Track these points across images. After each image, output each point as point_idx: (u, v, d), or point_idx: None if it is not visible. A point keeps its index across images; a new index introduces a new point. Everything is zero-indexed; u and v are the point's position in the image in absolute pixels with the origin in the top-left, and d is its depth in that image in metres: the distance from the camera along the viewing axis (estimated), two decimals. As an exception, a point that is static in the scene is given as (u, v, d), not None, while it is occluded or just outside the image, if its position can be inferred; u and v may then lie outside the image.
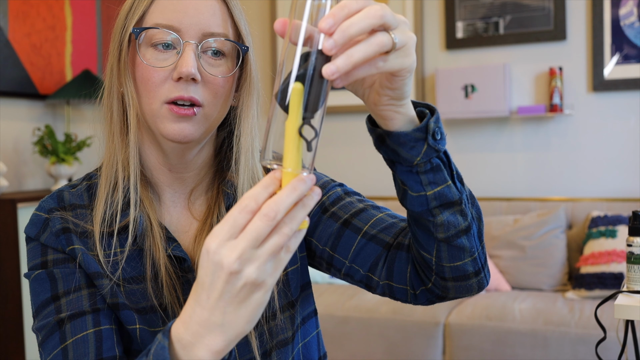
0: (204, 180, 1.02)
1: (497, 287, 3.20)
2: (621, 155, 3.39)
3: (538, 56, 3.53)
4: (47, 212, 0.97)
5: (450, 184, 0.83)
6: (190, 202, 1.01)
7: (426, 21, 3.76)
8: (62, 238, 0.94)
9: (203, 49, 0.92)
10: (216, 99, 0.93)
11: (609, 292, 2.87)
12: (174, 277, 0.95)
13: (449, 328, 2.91)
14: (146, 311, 0.94)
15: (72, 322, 0.90)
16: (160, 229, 0.96)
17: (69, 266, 0.93)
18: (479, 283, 0.91)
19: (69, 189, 1.00)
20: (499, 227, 3.32)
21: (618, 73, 3.37)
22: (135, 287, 0.94)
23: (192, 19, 0.91)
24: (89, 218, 0.96)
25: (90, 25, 3.60)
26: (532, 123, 3.55)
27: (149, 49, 0.92)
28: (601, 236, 3.06)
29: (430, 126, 0.79)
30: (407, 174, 0.82)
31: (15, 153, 3.19)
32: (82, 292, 0.92)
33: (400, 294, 0.97)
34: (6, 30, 3.10)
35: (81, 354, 0.88)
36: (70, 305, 0.91)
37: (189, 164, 0.99)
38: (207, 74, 0.92)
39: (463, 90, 3.53)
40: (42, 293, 0.93)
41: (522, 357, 2.77)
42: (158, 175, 1.00)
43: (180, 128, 0.91)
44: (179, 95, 0.90)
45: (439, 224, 0.84)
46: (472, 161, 3.68)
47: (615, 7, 3.36)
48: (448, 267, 0.88)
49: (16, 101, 3.20)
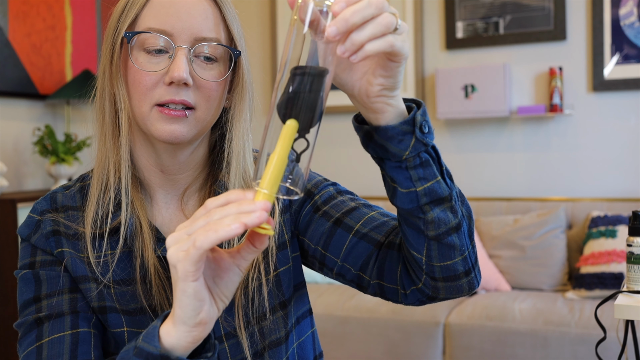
0: (197, 180, 1.02)
1: (497, 287, 3.20)
2: (621, 155, 3.39)
3: (538, 56, 3.53)
4: (40, 214, 0.98)
5: (439, 179, 0.82)
6: (183, 203, 1.01)
7: (426, 21, 3.77)
8: (52, 240, 0.95)
9: (195, 53, 0.92)
10: (208, 103, 0.93)
11: (609, 292, 2.87)
12: (163, 277, 0.95)
13: (449, 328, 2.91)
14: (136, 312, 0.95)
15: (51, 322, 0.92)
16: (151, 230, 0.96)
17: (55, 269, 0.95)
18: (470, 283, 0.90)
19: (63, 190, 1.01)
20: (499, 227, 3.32)
21: (618, 73, 3.37)
22: (124, 288, 0.95)
23: (184, 23, 0.91)
24: (80, 220, 0.97)
25: (90, 25, 3.60)
26: (532, 123, 3.55)
27: (141, 52, 0.92)
28: (601, 236, 3.06)
29: (418, 119, 0.79)
30: (396, 170, 0.81)
31: (15, 153, 3.19)
32: (64, 297, 0.94)
33: (391, 294, 0.96)
34: (6, 30, 3.11)
35: (55, 354, 0.90)
36: (50, 307, 0.92)
37: (181, 165, 0.99)
38: (199, 78, 0.92)
39: (463, 90, 3.53)
40: (26, 293, 0.95)
41: (522, 357, 2.77)
42: (150, 177, 1.00)
43: (172, 129, 0.91)
44: (170, 98, 0.90)
45: (429, 221, 0.83)
46: (472, 161, 3.68)
47: (615, 7, 3.36)
48: (438, 266, 0.87)
49: (16, 101, 3.21)
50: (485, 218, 3.41)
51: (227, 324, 0.97)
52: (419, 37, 3.75)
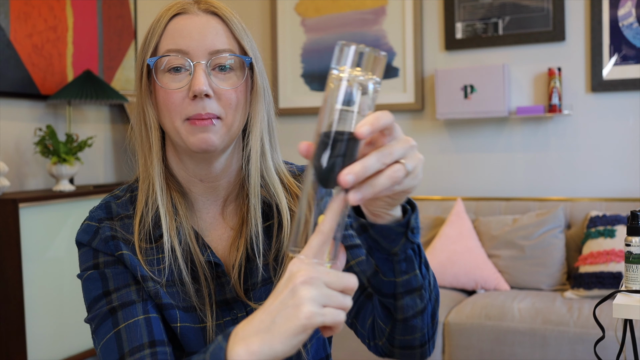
0: (235, 188, 1.11)
1: (496, 286, 3.21)
2: (620, 156, 3.41)
3: (537, 57, 3.54)
4: (98, 222, 1.06)
5: (417, 272, 0.92)
6: (223, 210, 1.11)
7: (426, 22, 3.78)
8: (111, 244, 1.04)
9: (212, 66, 1.02)
10: (232, 109, 1.03)
11: (608, 292, 2.89)
12: (209, 279, 1.05)
13: (448, 327, 2.92)
14: (187, 310, 1.03)
15: (124, 310, 0.99)
16: (195, 235, 1.06)
17: (118, 267, 1.03)
18: (422, 353, 1.02)
19: (114, 200, 1.10)
20: (498, 226, 3.34)
21: (616, 73, 3.38)
22: (173, 290, 1.03)
23: (198, 41, 1.02)
24: (132, 227, 1.06)
25: (92, 25, 3.61)
26: (531, 123, 3.56)
27: (165, 74, 1.03)
28: (600, 236, 3.08)
29: (411, 222, 0.86)
30: (383, 261, 0.90)
31: (17, 153, 3.20)
32: (131, 288, 1.01)
33: (361, 337, 1.07)
34: (8, 31, 3.11)
35: (134, 337, 0.96)
36: (121, 298, 1.00)
37: (218, 173, 1.08)
38: (218, 88, 1.02)
39: (462, 91, 3.54)
40: (94, 290, 1.02)
41: (521, 356, 2.78)
42: (190, 187, 1.09)
43: (203, 138, 1.01)
44: (197, 113, 1.00)
45: (399, 306, 0.94)
46: (471, 161, 3.70)
47: (613, 8, 3.38)
48: (398, 339, 0.99)
49: (18, 101, 3.21)
50: (485, 218, 3.42)
51: None
52: (418, 37, 3.76)
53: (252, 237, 1.06)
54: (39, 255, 2.86)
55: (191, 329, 1.02)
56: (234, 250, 1.07)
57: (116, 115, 3.82)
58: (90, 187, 3.30)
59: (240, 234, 1.08)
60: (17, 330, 2.77)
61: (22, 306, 2.77)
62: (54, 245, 2.94)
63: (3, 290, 2.79)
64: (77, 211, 3.06)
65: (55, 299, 2.93)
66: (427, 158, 3.74)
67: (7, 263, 2.77)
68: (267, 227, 1.09)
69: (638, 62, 3.35)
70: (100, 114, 3.72)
